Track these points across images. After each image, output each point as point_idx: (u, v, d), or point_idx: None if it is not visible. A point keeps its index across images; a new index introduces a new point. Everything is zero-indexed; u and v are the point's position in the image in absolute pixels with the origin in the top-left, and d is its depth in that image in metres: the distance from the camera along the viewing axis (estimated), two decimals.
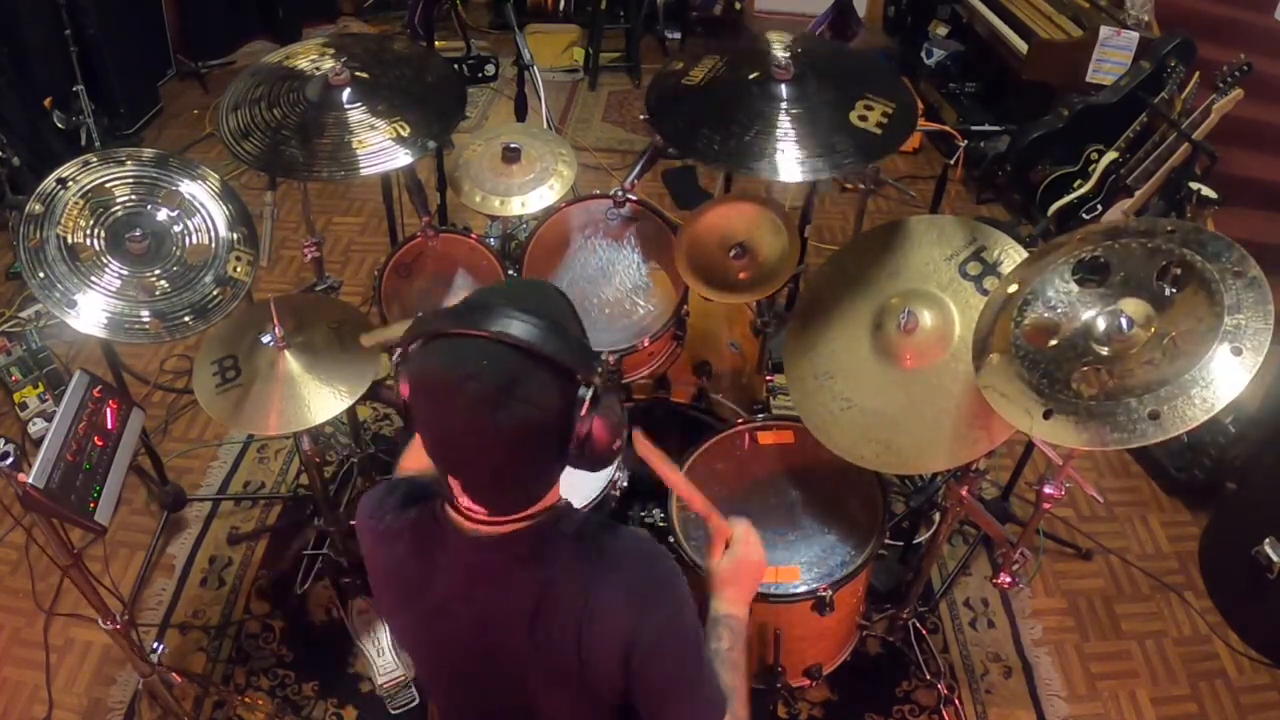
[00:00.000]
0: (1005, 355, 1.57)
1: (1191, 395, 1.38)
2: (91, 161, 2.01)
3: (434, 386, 1.07)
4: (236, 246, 2.05)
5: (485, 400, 1.03)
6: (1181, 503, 2.91)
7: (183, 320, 1.95)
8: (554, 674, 1.17)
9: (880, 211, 4.04)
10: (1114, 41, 3.62)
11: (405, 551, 1.22)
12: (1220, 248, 1.44)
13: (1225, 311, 1.39)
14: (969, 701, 2.36)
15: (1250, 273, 1.40)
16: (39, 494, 1.54)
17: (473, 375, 1.03)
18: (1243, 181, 3.49)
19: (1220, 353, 1.38)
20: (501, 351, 1.04)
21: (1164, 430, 1.38)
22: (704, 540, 1.96)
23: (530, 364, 1.05)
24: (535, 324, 1.05)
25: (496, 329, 1.04)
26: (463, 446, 1.08)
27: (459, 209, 3.30)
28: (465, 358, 1.05)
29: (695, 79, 2.07)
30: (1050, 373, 1.51)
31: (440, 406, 1.06)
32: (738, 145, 1.90)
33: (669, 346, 2.36)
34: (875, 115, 1.93)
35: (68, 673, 2.35)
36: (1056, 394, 1.49)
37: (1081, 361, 1.50)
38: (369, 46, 2.23)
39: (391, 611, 1.30)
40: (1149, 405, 1.40)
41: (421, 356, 1.09)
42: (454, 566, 1.18)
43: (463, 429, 1.05)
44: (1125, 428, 1.41)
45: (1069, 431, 1.46)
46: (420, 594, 1.21)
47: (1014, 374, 1.54)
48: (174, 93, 4.67)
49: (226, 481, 2.85)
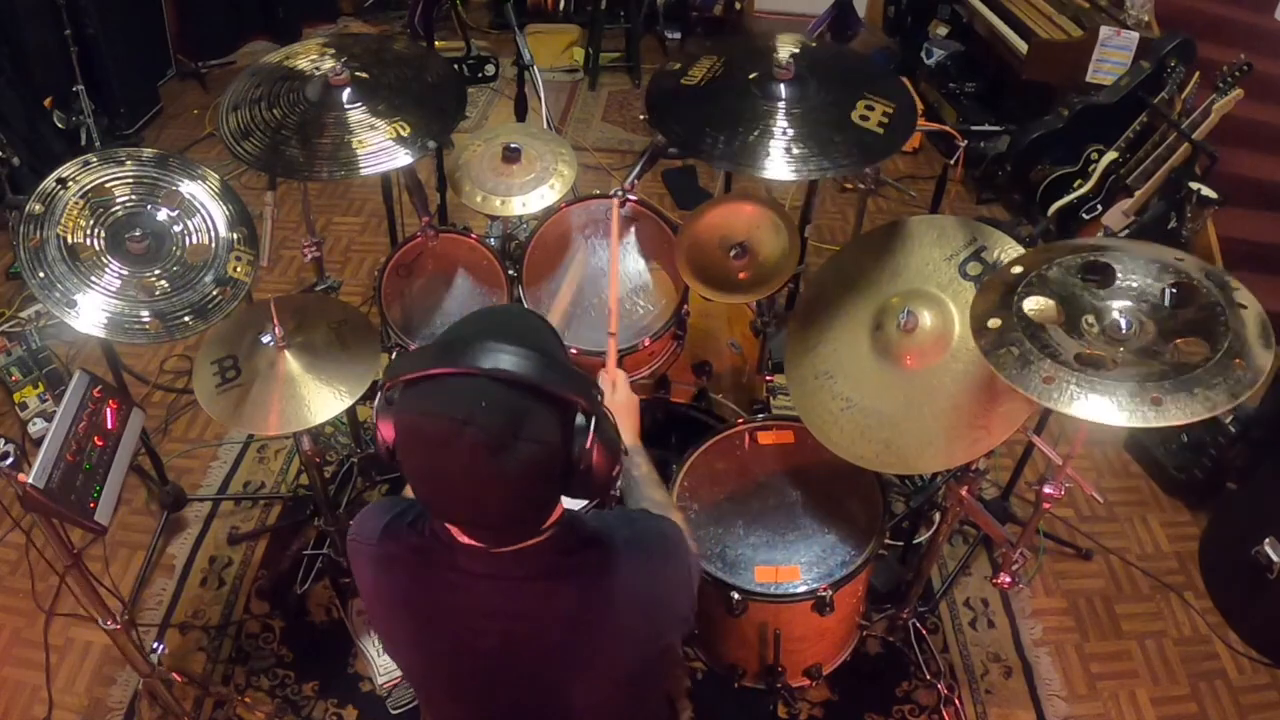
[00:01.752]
0: (1005, 321, 1.52)
1: (1194, 394, 1.35)
2: (91, 161, 2.00)
3: (428, 435, 1.00)
4: (237, 246, 2.04)
5: (487, 445, 0.97)
6: (1181, 503, 2.91)
7: (183, 320, 1.94)
8: (602, 672, 1.16)
9: (880, 211, 4.04)
10: (1114, 41, 3.62)
11: (408, 577, 1.17)
12: (1225, 280, 1.42)
13: (1230, 335, 1.37)
14: (969, 701, 2.36)
15: (1254, 309, 1.38)
16: (39, 494, 1.54)
17: (471, 420, 0.96)
18: (1243, 181, 3.49)
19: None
20: (499, 390, 0.98)
21: (1164, 416, 1.32)
22: (704, 541, 1.97)
23: (530, 400, 0.99)
24: (529, 356, 1.00)
25: (489, 366, 0.98)
26: (462, 496, 1.02)
27: (459, 209, 3.30)
28: (460, 401, 0.98)
29: (695, 78, 2.07)
30: (1049, 343, 1.45)
31: (436, 454, 1.00)
32: (742, 145, 1.90)
33: (669, 346, 2.36)
34: (876, 115, 1.93)
35: (68, 673, 2.35)
36: (1058, 362, 1.42)
37: (1082, 343, 1.48)
38: (369, 46, 2.23)
39: (391, 632, 1.25)
40: (1151, 392, 1.34)
41: (409, 401, 1.02)
42: (471, 585, 1.13)
43: (462, 477, 0.99)
44: (1128, 408, 1.33)
45: (1069, 402, 1.37)
46: (431, 617, 1.17)
47: (1012, 341, 1.48)
48: (174, 93, 4.68)
49: (226, 481, 2.85)
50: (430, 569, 1.15)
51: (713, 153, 1.92)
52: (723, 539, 1.98)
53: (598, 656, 1.15)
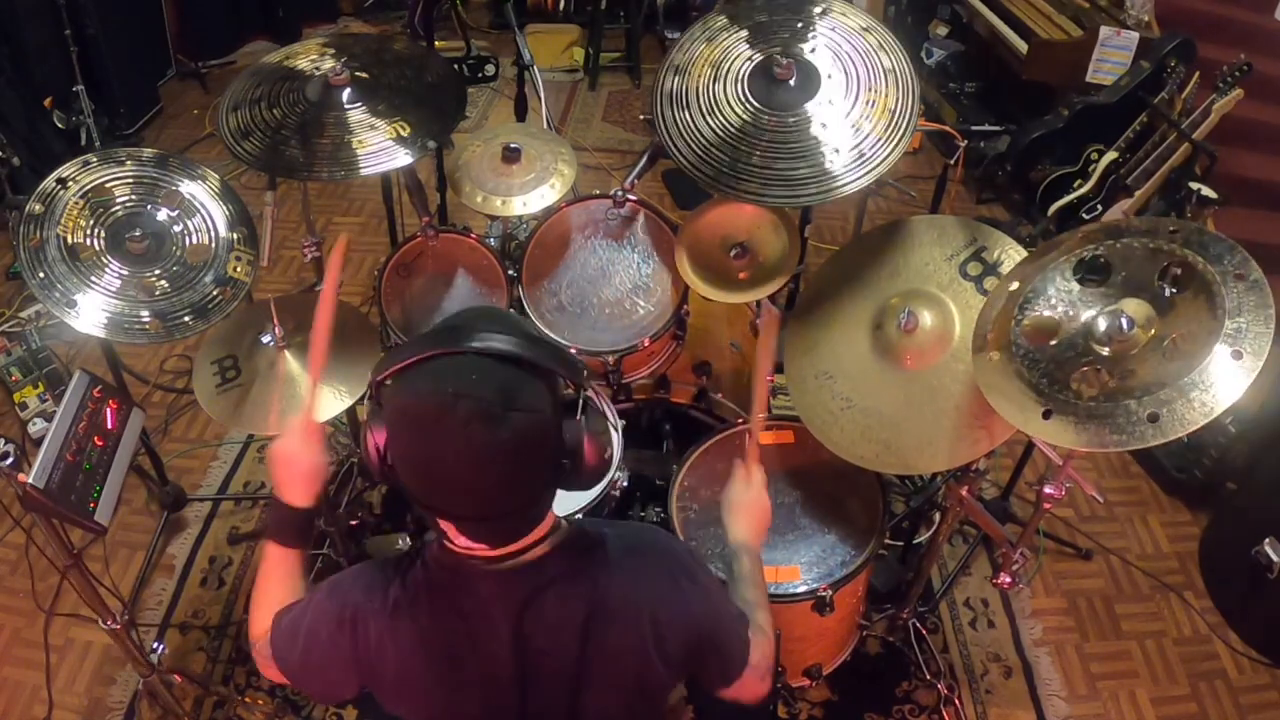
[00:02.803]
0: (1005, 353, 1.57)
1: (1191, 398, 1.37)
2: (91, 161, 2.00)
3: (420, 414, 1.00)
4: (237, 246, 2.05)
5: (479, 416, 0.97)
6: (1181, 503, 2.90)
7: (183, 320, 1.95)
8: (614, 680, 1.15)
9: (880, 211, 4.04)
10: (1114, 41, 3.62)
11: (426, 616, 1.12)
12: (1222, 250, 1.44)
13: (1226, 315, 1.38)
14: (969, 701, 2.36)
15: (1251, 275, 1.40)
16: (39, 494, 1.54)
17: (463, 393, 0.97)
18: (1243, 181, 3.49)
19: (1220, 356, 1.38)
20: (488, 364, 1.00)
21: (1163, 433, 1.38)
22: (704, 541, 1.97)
23: (520, 373, 1.01)
24: (515, 334, 1.03)
25: (478, 346, 1.00)
26: (455, 477, 1.01)
27: (459, 209, 3.30)
28: (449, 377, 0.99)
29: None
30: (1050, 372, 1.51)
31: (428, 433, 1.00)
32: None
33: (669, 346, 2.36)
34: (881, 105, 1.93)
35: (68, 673, 2.35)
36: (1056, 394, 1.49)
37: (1082, 362, 1.50)
38: (369, 46, 2.23)
39: (411, 684, 1.15)
40: (1148, 408, 1.40)
41: (397, 390, 1.03)
42: (488, 612, 1.11)
43: (455, 455, 0.99)
44: (1125, 429, 1.41)
45: (1068, 432, 1.46)
46: (454, 659, 1.12)
47: (1013, 373, 1.54)
48: (174, 93, 4.67)
49: (226, 481, 2.85)
50: (445, 601, 1.13)
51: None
52: (723, 539, 1.95)
53: (610, 665, 1.15)
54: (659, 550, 1.23)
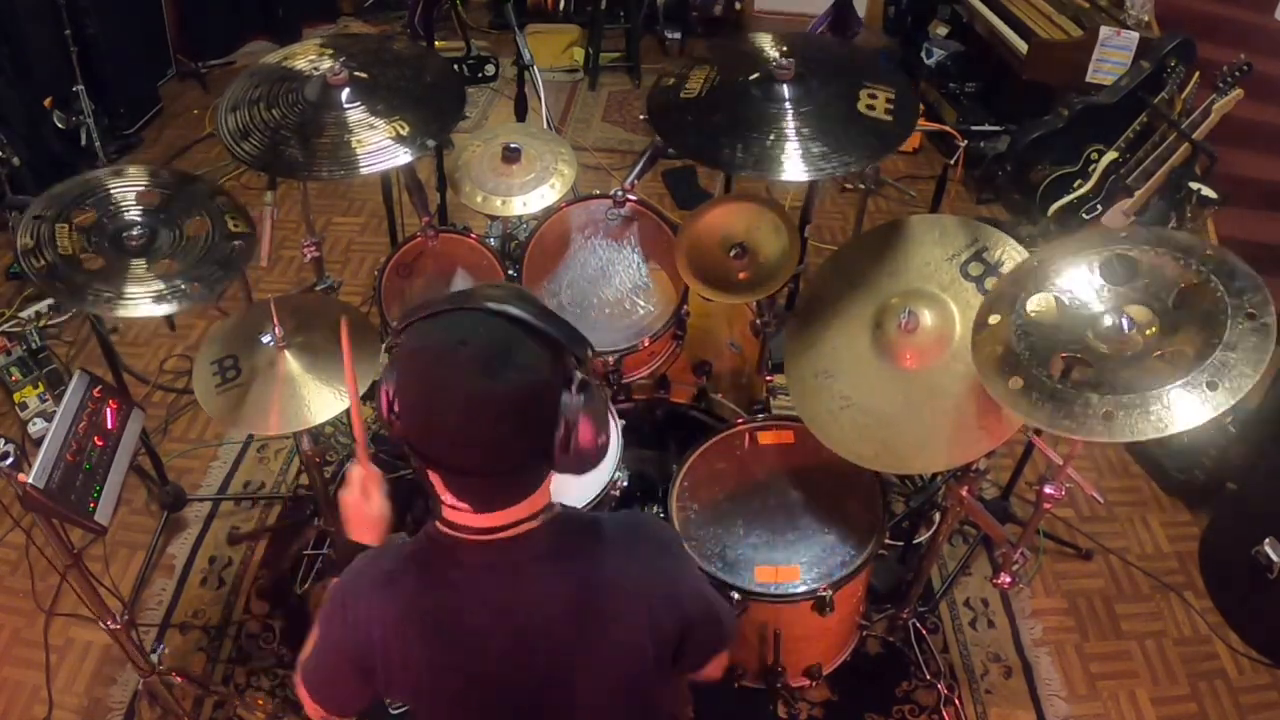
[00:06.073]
0: (1005, 318, 1.58)
1: (1150, 411, 1.38)
2: (56, 193, 2.01)
3: (426, 359, 1.06)
4: (225, 210, 2.04)
5: (479, 361, 1.02)
6: (1181, 503, 2.90)
7: (216, 277, 1.96)
8: (612, 664, 1.16)
9: (880, 211, 4.04)
10: (1114, 41, 3.62)
11: (413, 587, 1.16)
12: (1247, 285, 1.43)
13: (1220, 347, 1.38)
14: (969, 701, 2.36)
15: (1263, 319, 1.39)
16: (39, 494, 1.54)
17: (467, 340, 1.03)
18: (1243, 181, 3.49)
19: (1194, 384, 1.37)
20: (500, 323, 1.05)
21: (1110, 433, 1.40)
22: (704, 541, 1.97)
23: (523, 334, 1.05)
24: (528, 303, 1.08)
25: (493, 306, 1.06)
26: (447, 422, 1.04)
27: (459, 209, 3.30)
28: (459, 327, 1.05)
29: (694, 91, 2.05)
30: (1034, 345, 1.53)
31: (432, 377, 1.04)
32: (762, 151, 1.88)
33: (669, 346, 2.36)
34: (880, 103, 1.93)
35: (68, 673, 2.35)
36: (1031, 366, 1.51)
37: (1070, 347, 1.52)
38: (369, 46, 2.23)
39: (399, 660, 1.16)
40: (1107, 406, 1.41)
41: (412, 335, 1.09)
42: (475, 581, 1.14)
43: (450, 400, 1.03)
44: (1077, 418, 1.43)
45: (1024, 403, 1.48)
46: (441, 626, 1.15)
47: (1004, 336, 1.56)
48: (174, 93, 4.67)
49: (226, 481, 2.85)
50: (432, 572, 1.16)
51: (733, 162, 1.90)
52: (723, 539, 1.98)
53: (601, 649, 1.15)
54: (652, 531, 1.27)
